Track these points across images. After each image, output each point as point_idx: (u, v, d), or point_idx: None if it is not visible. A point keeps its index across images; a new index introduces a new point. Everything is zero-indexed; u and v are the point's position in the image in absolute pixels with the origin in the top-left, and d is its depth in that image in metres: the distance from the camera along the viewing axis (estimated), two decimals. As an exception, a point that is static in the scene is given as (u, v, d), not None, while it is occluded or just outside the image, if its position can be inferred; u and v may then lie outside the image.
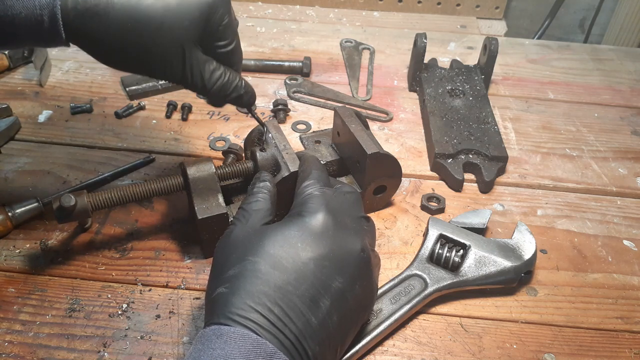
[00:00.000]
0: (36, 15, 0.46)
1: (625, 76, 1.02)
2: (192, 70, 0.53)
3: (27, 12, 0.46)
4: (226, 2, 0.52)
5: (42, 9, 0.46)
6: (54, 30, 0.47)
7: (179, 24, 0.50)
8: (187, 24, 0.50)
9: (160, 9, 0.49)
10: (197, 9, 0.50)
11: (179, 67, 0.52)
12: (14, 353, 0.53)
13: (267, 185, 0.54)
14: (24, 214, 0.65)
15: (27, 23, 0.46)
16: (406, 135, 0.85)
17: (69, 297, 0.58)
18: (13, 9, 0.45)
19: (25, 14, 0.46)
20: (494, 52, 0.88)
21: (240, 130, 0.83)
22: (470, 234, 0.62)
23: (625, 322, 0.59)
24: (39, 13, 0.46)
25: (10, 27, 0.46)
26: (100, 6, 0.47)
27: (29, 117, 0.84)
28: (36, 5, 0.45)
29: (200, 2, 0.50)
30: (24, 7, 0.45)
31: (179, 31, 0.50)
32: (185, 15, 0.50)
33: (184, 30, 0.50)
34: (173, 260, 0.63)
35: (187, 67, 0.52)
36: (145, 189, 0.59)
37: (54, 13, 0.46)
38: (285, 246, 0.45)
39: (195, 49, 0.52)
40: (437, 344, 0.56)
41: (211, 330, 0.42)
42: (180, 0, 0.49)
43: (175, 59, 0.51)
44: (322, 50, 1.05)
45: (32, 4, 0.45)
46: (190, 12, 0.50)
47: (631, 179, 0.78)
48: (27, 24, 0.46)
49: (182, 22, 0.50)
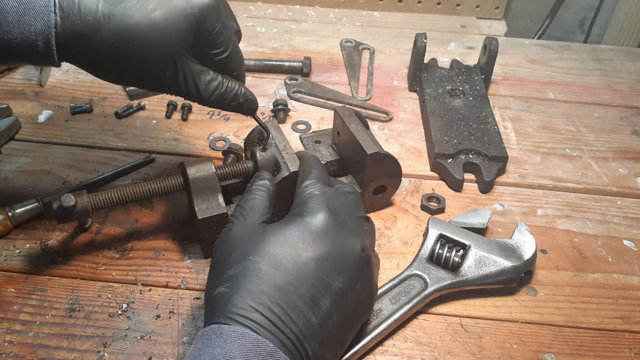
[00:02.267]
0: (31, 41, 0.47)
1: (625, 76, 1.02)
2: (186, 82, 0.53)
3: (23, 38, 0.46)
4: (215, 11, 0.52)
5: (37, 35, 0.47)
6: (48, 54, 0.48)
7: (167, 38, 0.50)
8: (175, 37, 0.50)
9: (146, 26, 0.49)
10: (184, 21, 0.50)
11: (172, 80, 0.52)
12: (14, 353, 0.53)
13: (265, 183, 0.54)
14: (24, 214, 0.65)
15: (23, 48, 0.47)
16: (406, 135, 0.85)
17: (69, 297, 0.58)
18: (9, 34, 0.46)
19: (21, 39, 0.46)
20: (494, 52, 0.88)
21: (240, 130, 0.83)
22: (470, 234, 0.62)
23: (625, 322, 0.59)
24: (34, 39, 0.47)
25: (6, 49, 0.47)
26: (88, 28, 0.48)
27: (29, 117, 0.84)
28: (32, 32, 0.46)
29: (186, 14, 0.50)
30: (20, 32, 0.46)
31: (167, 45, 0.50)
32: (172, 29, 0.50)
33: (173, 44, 0.50)
34: (173, 260, 0.63)
35: (180, 79, 0.52)
36: (145, 189, 0.59)
37: (49, 40, 0.47)
38: (285, 246, 0.45)
39: (188, 60, 0.52)
40: (437, 344, 0.56)
41: (211, 330, 0.42)
42: (166, 15, 0.49)
43: (167, 72, 0.51)
44: (322, 50, 1.05)
45: (28, 31, 0.46)
46: (177, 25, 0.50)
47: (631, 179, 0.78)
48: (23, 48, 0.47)
49: (170, 37, 0.50)
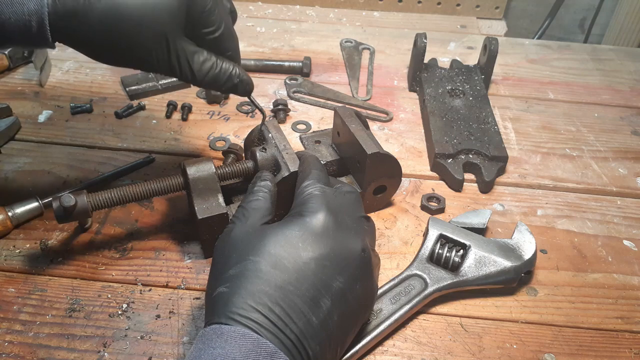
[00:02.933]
0: (25, 21, 0.47)
1: (625, 76, 1.02)
2: (179, 62, 0.53)
3: (16, 18, 0.47)
4: None
5: (30, 15, 0.47)
6: (42, 34, 0.48)
7: (159, 17, 0.50)
8: (167, 16, 0.50)
9: (138, 4, 0.49)
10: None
11: (165, 60, 0.52)
12: (14, 353, 0.53)
13: (267, 184, 0.54)
14: (24, 214, 0.65)
15: (16, 28, 0.47)
16: (406, 135, 0.85)
17: (69, 297, 0.58)
18: (2, 14, 0.46)
19: (14, 19, 0.47)
20: (494, 52, 0.88)
21: (240, 130, 0.83)
22: (470, 234, 0.62)
23: (625, 322, 0.59)
24: (27, 19, 0.47)
25: (1, 31, 0.47)
26: (79, 7, 0.48)
27: (29, 117, 0.84)
28: (25, 12, 0.46)
29: None
30: (13, 12, 0.46)
31: (159, 25, 0.50)
32: (164, 8, 0.50)
33: (165, 23, 0.50)
34: (173, 260, 0.63)
35: (172, 59, 0.52)
36: (145, 189, 0.59)
37: (42, 19, 0.47)
38: (286, 246, 0.45)
39: (181, 40, 0.52)
40: (437, 344, 0.56)
41: (212, 330, 0.42)
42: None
43: (160, 52, 0.51)
44: (322, 50, 1.05)
45: (21, 10, 0.46)
46: (168, 3, 0.50)
47: (631, 179, 0.78)
48: (16, 28, 0.47)
49: (162, 15, 0.50)
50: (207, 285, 0.47)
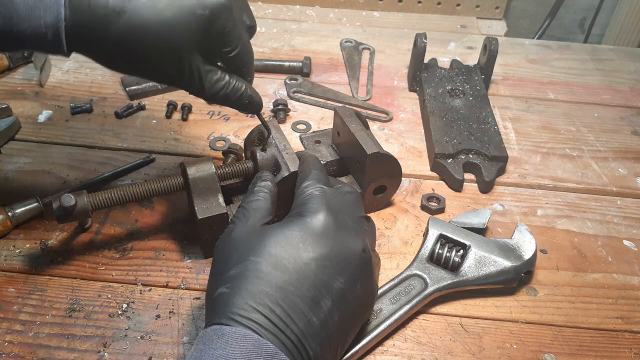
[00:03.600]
0: (41, 34, 0.47)
1: (625, 76, 1.02)
2: (191, 78, 0.53)
3: (32, 30, 0.46)
4: (227, 10, 0.51)
5: (47, 28, 0.46)
6: (57, 45, 0.48)
7: (176, 37, 0.49)
8: (184, 35, 0.50)
9: (156, 24, 0.48)
10: (194, 20, 0.49)
11: (178, 76, 0.52)
12: (14, 353, 0.53)
13: (268, 184, 0.54)
14: (24, 214, 0.65)
15: (32, 39, 0.47)
16: (406, 135, 0.85)
17: (69, 297, 0.58)
18: (19, 26, 0.46)
19: (31, 31, 0.46)
20: (494, 52, 0.88)
21: (240, 130, 0.83)
22: (470, 234, 0.62)
23: (625, 322, 0.59)
24: (44, 32, 0.46)
25: (16, 40, 0.47)
26: (97, 23, 0.47)
27: (29, 117, 0.84)
28: (42, 25, 0.46)
29: (197, 15, 0.49)
30: (30, 25, 0.46)
31: (176, 45, 0.50)
32: (182, 28, 0.49)
33: (182, 42, 0.50)
34: (173, 260, 0.63)
35: (185, 75, 0.52)
36: (145, 189, 0.59)
37: (58, 32, 0.47)
38: (286, 246, 0.45)
39: (196, 58, 0.52)
40: (437, 344, 0.56)
41: (212, 330, 0.42)
42: (177, 14, 0.49)
43: (174, 69, 0.51)
44: (322, 50, 1.05)
45: (38, 24, 0.46)
46: (186, 26, 0.49)
47: (631, 179, 0.78)
48: (32, 40, 0.47)
49: (179, 36, 0.50)
50: (208, 285, 0.47)
